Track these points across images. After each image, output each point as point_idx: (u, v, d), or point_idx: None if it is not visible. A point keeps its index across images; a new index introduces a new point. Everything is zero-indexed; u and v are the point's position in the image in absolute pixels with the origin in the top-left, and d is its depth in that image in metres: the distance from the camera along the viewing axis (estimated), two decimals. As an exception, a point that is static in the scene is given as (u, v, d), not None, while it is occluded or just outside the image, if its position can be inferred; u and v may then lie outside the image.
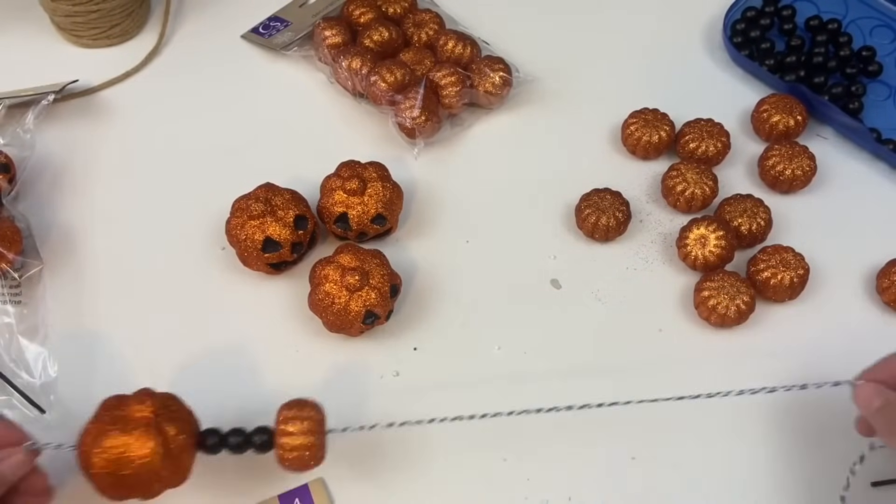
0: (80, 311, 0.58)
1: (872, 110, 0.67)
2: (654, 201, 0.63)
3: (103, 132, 0.67)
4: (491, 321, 0.57)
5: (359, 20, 0.69)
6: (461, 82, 0.64)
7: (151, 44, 0.71)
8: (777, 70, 0.68)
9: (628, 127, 0.64)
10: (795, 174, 0.61)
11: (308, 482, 0.51)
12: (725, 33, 0.69)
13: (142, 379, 0.55)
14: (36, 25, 0.72)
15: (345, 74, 0.66)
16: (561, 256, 0.60)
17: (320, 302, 0.54)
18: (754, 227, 0.59)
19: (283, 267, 0.58)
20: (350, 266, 0.54)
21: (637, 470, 0.52)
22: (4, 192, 0.60)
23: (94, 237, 0.61)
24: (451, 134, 0.66)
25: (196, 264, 0.60)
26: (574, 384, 0.55)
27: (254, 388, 0.55)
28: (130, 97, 0.69)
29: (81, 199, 0.63)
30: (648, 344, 0.56)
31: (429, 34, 0.69)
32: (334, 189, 0.58)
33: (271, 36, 0.71)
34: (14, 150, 0.62)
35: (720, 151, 0.63)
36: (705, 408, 0.54)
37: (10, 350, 0.55)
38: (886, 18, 0.71)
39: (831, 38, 0.69)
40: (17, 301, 0.57)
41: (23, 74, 0.68)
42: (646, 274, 0.60)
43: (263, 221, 0.56)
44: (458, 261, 0.60)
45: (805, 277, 0.56)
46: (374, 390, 0.55)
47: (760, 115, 0.64)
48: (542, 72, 0.69)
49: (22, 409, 0.52)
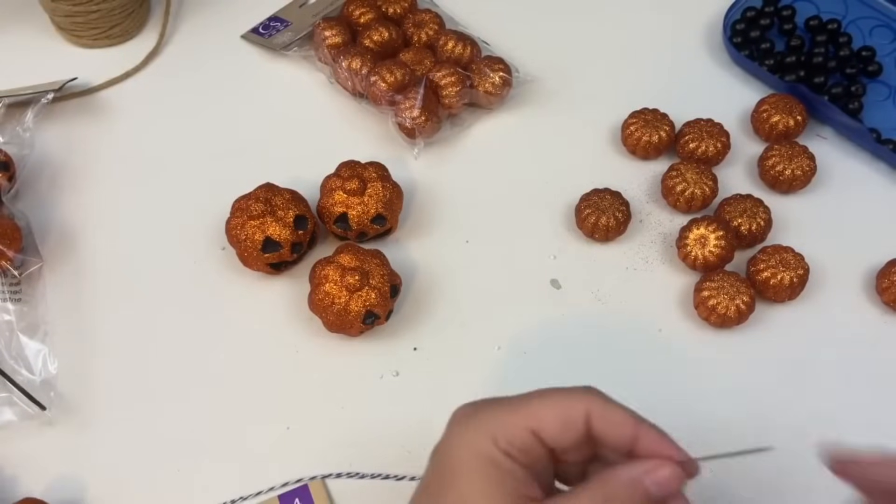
0: (79, 309, 0.58)
1: (872, 110, 0.67)
2: (653, 201, 0.63)
3: (103, 131, 0.67)
4: (491, 321, 0.57)
5: (359, 20, 0.69)
6: (461, 82, 0.64)
7: (151, 44, 0.71)
8: (777, 70, 0.68)
9: (628, 127, 0.64)
10: (795, 174, 0.61)
11: (308, 482, 0.51)
12: (725, 33, 0.69)
13: (142, 377, 0.55)
14: (36, 25, 0.72)
15: (345, 74, 0.66)
16: (561, 256, 0.60)
17: (320, 302, 0.54)
18: (754, 227, 0.59)
19: (283, 267, 0.59)
20: (350, 266, 0.54)
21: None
22: (4, 190, 0.60)
23: (93, 235, 0.61)
24: (451, 134, 0.66)
25: (196, 264, 0.60)
26: (574, 385, 0.55)
27: (254, 389, 0.55)
28: (130, 97, 0.69)
29: (81, 197, 0.63)
30: (648, 344, 0.56)
31: (429, 34, 0.69)
32: (334, 189, 0.58)
33: (271, 36, 0.71)
34: (14, 149, 0.62)
35: (720, 151, 0.63)
36: (703, 408, 0.54)
37: (11, 347, 0.55)
38: (886, 18, 0.71)
39: (831, 38, 0.69)
40: (17, 299, 0.57)
41: (23, 74, 0.68)
42: (646, 274, 0.60)
43: (263, 221, 0.56)
44: (458, 261, 0.60)
45: (805, 277, 0.57)
46: (374, 390, 0.55)
47: (760, 115, 0.64)
48: (542, 72, 0.69)
49: (22, 405, 0.52)
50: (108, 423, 0.53)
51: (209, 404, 0.54)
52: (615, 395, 0.38)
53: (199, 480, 0.51)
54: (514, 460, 0.36)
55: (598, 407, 0.36)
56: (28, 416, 0.52)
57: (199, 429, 0.53)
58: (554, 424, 0.36)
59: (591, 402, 0.36)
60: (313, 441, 0.53)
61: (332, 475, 0.51)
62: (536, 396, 0.37)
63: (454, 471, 0.36)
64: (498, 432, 0.36)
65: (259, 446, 0.53)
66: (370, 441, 0.52)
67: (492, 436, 0.36)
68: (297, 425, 0.53)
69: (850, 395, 0.54)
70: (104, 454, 0.52)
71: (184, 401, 0.54)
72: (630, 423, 0.36)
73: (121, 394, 0.54)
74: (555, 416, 0.36)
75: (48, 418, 0.52)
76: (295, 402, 0.54)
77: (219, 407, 0.54)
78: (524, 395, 0.37)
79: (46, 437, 0.53)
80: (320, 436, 0.53)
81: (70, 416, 0.53)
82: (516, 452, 0.36)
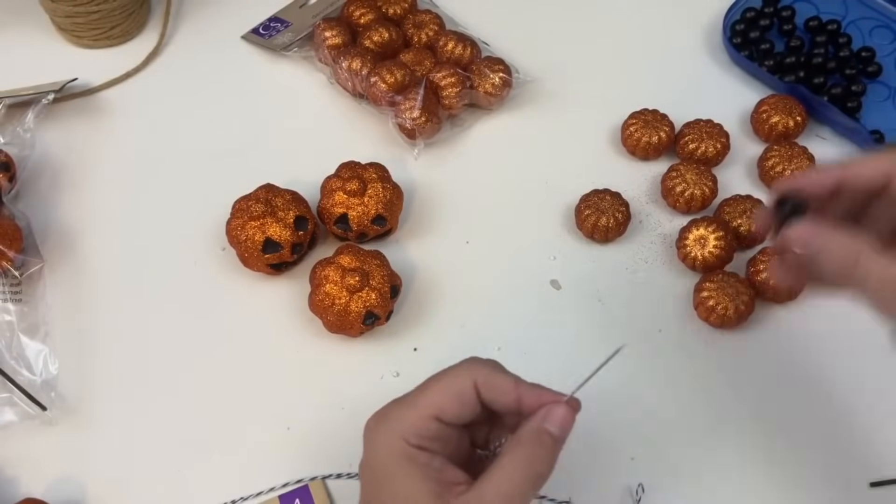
0: (80, 309, 0.58)
1: (872, 111, 0.67)
2: (653, 202, 0.63)
3: (104, 132, 0.67)
4: (491, 321, 0.57)
5: (359, 21, 0.69)
6: (461, 83, 0.64)
7: (152, 44, 0.71)
8: (776, 71, 0.68)
9: (628, 127, 0.64)
10: (795, 175, 0.61)
11: (308, 482, 0.51)
12: (725, 34, 0.69)
13: (142, 378, 0.55)
14: (36, 26, 0.72)
15: (345, 75, 0.66)
16: (561, 257, 0.60)
17: (321, 303, 0.54)
18: (754, 227, 0.59)
19: (283, 268, 0.59)
20: (350, 267, 0.54)
21: (636, 469, 0.52)
22: (5, 190, 0.60)
23: (94, 236, 0.61)
24: (451, 134, 0.66)
25: (196, 265, 0.60)
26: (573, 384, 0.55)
27: (254, 389, 0.55)
28: (131, 97, 0.69)
29: (82, 198, 0.63)
30: (648, 344, 0.57)
31: (429, 35, 0.69)
32: (334, 190, 0.58)
33: (271, 37, 0.71)
34: (14, 149, 0.62)
35: (720, 152, 0.63)
36: (703, 408, 0.54)
37: (11, 348, 0.55)
38: (886, 19, 0.71)
39: (831, 38, 0.69)
40: (18, 299, 0.57)
41: (23, 75, 0.68)
42: (645, 274, 0.60)
43: (264, 222, 0.56)
44: (458, 261, 0.60)
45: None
46: (374, 391, 0.55)
47: (760, 115, 0.65)
48: (542, 72, 0.69)
49: (23, 406, 0.53)
50: (108, 423, 0.53)
51: (209, 404, 0.54)
52: (616, 395, 0.38)
53: (199, 480, 0.51)
54: (428, 451, 0.38)
55: (482, 377, 0.39)
56: (29, 417, 0.52)
57: (199, 429, 0.53)
58: (451, 405, 0.39)
59: (475, 374, 0.40)
60: (313, 441, 0.53)
61: (332, 475, 0.51)
62: (430, 383, 0.40)
63: (379, 478, 0.39)
64: (405, 430, 0.39)
65: (259, 446, 0.53)
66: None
67: (401, 435, 0.38)
68: (297, 425, 0.53)
69: (851, 395, 0.54)
70: (104, 454, 0.52)
71: (184, 401, 0.54)
72: (511, 386, 0.39)
73: (121, 394, 0.54)
74: (449, 398, 0.39)
75: (49, 419, 0.52)
76: (295, 402, 0.54)
77: (219, 407, 0.54)
78: (420, 386, 0.41)
79: (47, 438, 0.53)
80: (320, 436, 0.53)
81: (70, 417, 0.53)
82: (427, 443, 0.39)
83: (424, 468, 0.38)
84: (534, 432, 0.38)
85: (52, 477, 0.51)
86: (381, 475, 0.39)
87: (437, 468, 0.38)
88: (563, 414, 0.39)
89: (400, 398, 0.41)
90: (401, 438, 0.38)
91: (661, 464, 0.52)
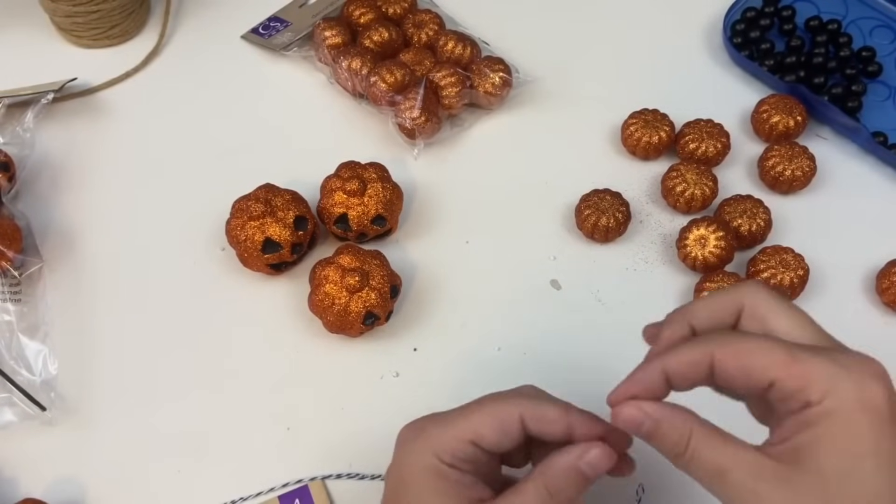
0: (80, 309, 0.58)
1: (872, 111, 0.67)
2: (653, 202, 0.63)
3: (103, 132, 0.67)
4: (491, 321, 0.57)
5: (359, 21, 0.69)
6: (461, 83, 0.64)
7: (151, 44, 0.71)
8: (777, 70, 0.68)
9: (628, 127, 0.64)
10: (795, 175, 0.61)
11: (308, 482, 0.51)
12: (725, 34, 0.69)
13: (142, 378, 0.55)
14: (36, 25, 0.72)
15: (345, 75, 0.66)
16: (561, 257, 0.60)
17: (320, 303, 0.54)
18: (754, 227, 0.59)
19: (283, 268, 0.59)
20: (350, 267, 0.54)
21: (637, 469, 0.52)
22: (4, 190, 0.60)
23: (93, 236, 0.61)
24: (451, 134, 0.66)
25: (196, 265, 0.60)
26: (574, 385, 0.55)
27: (254, 389, 0.55)
28: (130, 97, 0.69)
29: (81, 197, 0.63)
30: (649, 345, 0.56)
31: (429, 35, 0.69)
32: (334, 190, 0.58)
33: (271, 36, 0.71)
34: (14, 149, 0.62)
35: (720, 152, 0.63)
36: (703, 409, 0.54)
37: (11, 348, 0.55)
38: (886, 19, 0.71)
39: (831, 38, 0.69)
40: (18, 299, 0.57)
41: (23, 74, 0.68)
42: (646, 275, 0.60)
43: (263, 222, 0.56)
44: (458, 261, 0.60)
45: (805, 278, 0.57)
46: (374, 391, 0.55)
47: (760, 115, 0.65)
48: (542, 72, 0.69)
49: (22, 406, 0.52)
50: (108, 423, 0.53)
51: (209, 404, 0.54)
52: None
53: (199, 481, 0.51)
54: (459, 470, 0.38)
55: (530, 409, 0.39)
56: (28, 417, 0.52)
57: (198, 429, 0.53)
58: (491, 433, 0.38)
59: (522, 406, 0.39)
60: (313, 441, 0.53)
61: (332, 475, 0.51)
62: (474, 407, 0.39)
63: (406, 487, 0.39)
64: (440, 448, 0.38)
65: (259, 446, 0.53)
66: (370, 441, 0.52)
67: (435, 452, 0.38)
68: (297, 425, 0.53)
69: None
70: (104, 454, 0.52)
71: (184, 401, 0.54)
72: (561, 419, 0.38)
73: (121, 394, 0.54)
74: (491, 426, 0.38)
75: (48, 419, 0.52)
76: (295, 403, 0.54)
77: (219, 407, 0.54)
78: (463, 407, 0.40)
79: (47, 438, 0.53)
80: (320, 436, 0.53)
81: (70, 417, 0.53)
82: (460, 463, 0.38)
83: (453, 485, 0.38)
84: (566, 467, 0.37)
85: (52, 477, 0.51)
86: (409, 485, 0.38)
87: (466, 484, 0.38)
88: (600, 454, 0.37)
89: (439, 414, 0.40)
90: (434, 455, 0.38)
91: (662, 464, 0.52)
